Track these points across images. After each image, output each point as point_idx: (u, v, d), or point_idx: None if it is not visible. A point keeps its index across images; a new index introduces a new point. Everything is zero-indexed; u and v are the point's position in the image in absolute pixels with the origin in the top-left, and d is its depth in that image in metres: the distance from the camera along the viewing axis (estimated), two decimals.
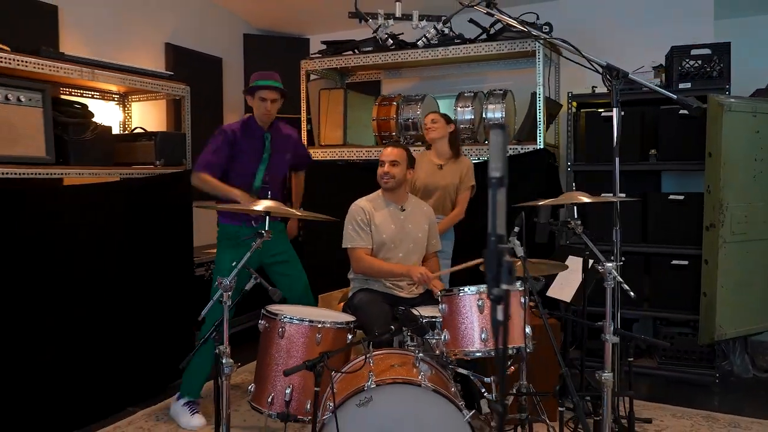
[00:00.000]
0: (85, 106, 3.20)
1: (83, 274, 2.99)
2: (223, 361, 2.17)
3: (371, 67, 4.63)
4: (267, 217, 2.31)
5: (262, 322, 2.51)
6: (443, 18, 2.35)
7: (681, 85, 3.63)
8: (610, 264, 2.19)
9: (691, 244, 3.52)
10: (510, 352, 2.15)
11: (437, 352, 2.29)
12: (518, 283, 2.19)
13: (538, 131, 3.79)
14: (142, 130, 3.69)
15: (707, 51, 3.61)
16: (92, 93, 3.69)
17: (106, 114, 3.89)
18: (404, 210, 3.04)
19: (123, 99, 3.91)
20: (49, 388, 2.85)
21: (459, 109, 4.05)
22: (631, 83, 3.60)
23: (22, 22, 3.43)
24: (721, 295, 3.31)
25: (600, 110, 3.83)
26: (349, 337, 2.48)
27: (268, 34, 5.47)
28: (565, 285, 3.28)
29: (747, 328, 3.40)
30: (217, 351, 2.19)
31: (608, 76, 2.61)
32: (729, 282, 3.32)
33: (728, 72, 3.57)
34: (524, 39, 3.79)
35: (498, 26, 3.84)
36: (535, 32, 2.54)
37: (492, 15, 2.30)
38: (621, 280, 2.23)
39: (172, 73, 3.66)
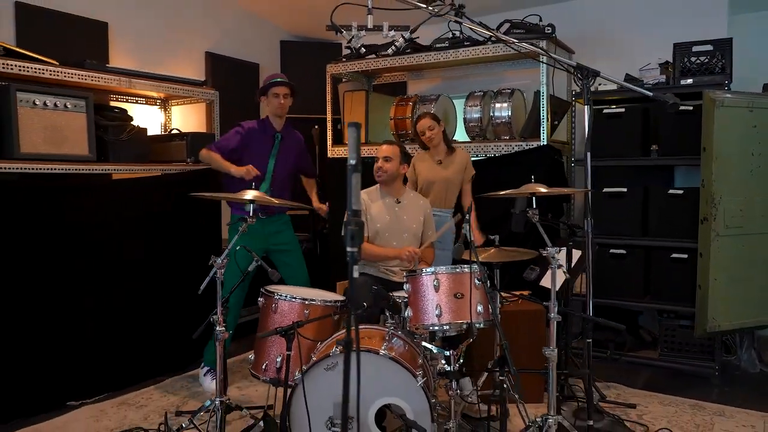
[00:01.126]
0: (124, 111, 3.67)
1: (121, 260, 3.45)
2: (216, 327, 2.51)
3: (392, 69, 4.89)
4: (251, 204, 2.65)
5: (261, 299, 2.85)
6: (410, 28, 2.59)
7: (683, 81, 3.69)
8: (552, 249, 2.36)
9: (691, 238, 3.58)
10: (462, 327, 2.37)
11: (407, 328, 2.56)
12: (471, 266, 2.40)
13: (541, 128, 3.95)
14: (177, 131, 4.13)
15: (709, 47, 3.65)
16: (136, 99, 4.17)
17: (150, 117, 4.37)
18: (400, 202, 3.31)
19: (164, 103, 4.37)
20: (90, 356, 3.32)
21: (468, 107, 4.26)
22: (637, 80, 3.72)
23: (75, 38, 3.94)
24: (715, 287, 3.36)
25: (603, 107, 3.94)
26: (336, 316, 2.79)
27: (303, 40, 5.85)
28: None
29: (742, 321, 3.43)
30: (211, 319, 2.55)
31: (579, 76, 2.77)
32: (722, 275, 3.37)
33: (730, 68, 3.60)
34: (529, 41, 3.95)
35: (505, 28, 4.02)
36: (503, 37, 2.72)
37: (460, 23, 2.52)
38: (563, 264, 2.39)
39: (203, 80, 4.08)
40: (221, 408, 2.53)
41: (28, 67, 3.08)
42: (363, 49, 2.62)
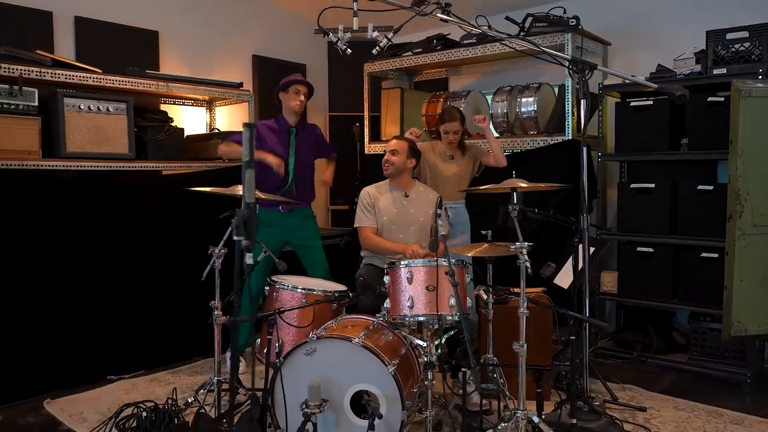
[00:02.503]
0: (164, 112, 3.99)
1: (159, 250, 3.77)
2: (214, 312, 2.73)
3: (426, 66, 4.95)
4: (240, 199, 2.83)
5: (267, 288, 3.04)
6: (393, 28, 2.65)
7: (716, 71, 3.49)
8: (519, 244, 2.36)
9: (721, 237, 3.38)
10: (422, 318, 2.42)
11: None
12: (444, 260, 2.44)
13: (566, 123, 3.87)
14: (217, 131, 4.42)
15: (745, 34, 3.43)
16: (183, 101, 4.51)
17: (196, 118, 4.71)
18: (408, 196, 3.39)
19: (209, 105, 4.68)
20: (130, 337, 3.68)
21: (494, 103, 4.24)
22: (669, 71, 3.57)
23: (129, 47, 4.32)
24: (740, 289, 3.17)
25: (631, 100, 3.80)
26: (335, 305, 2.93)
27: (351, 39, 6.01)
28: (568, 272, 3.38)
29: None
30: (210, 304, 2.76)
31: (574, 69, 2.72)
32: (749, 276, 3.17)
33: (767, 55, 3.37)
34: (553, 34, 3.89)
35: (528, 21, 3.98)
36: (491, 33, 2.72)
37: (447, 21, 2.56)
38: (527, 260, 2.38)
39: (239, 82, 4.33)
40: (218, 387, 2.74)
41: (73, 76, 3.45)
42: (349, 51, 2.71)
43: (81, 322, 3.48)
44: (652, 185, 3.68)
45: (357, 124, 5.13)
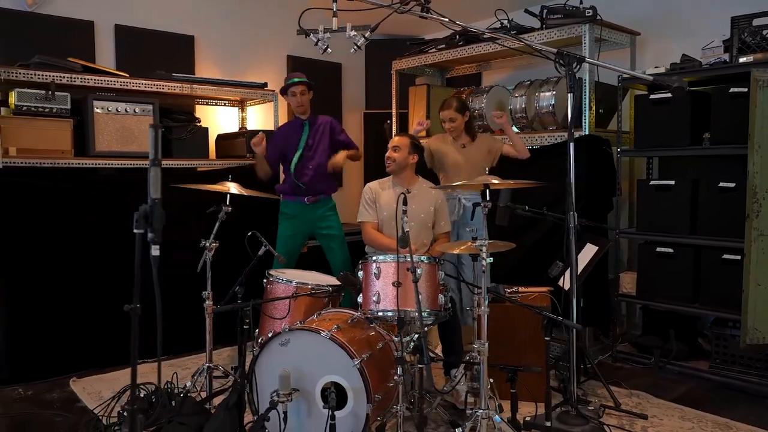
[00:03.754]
0: (189, 113, 4.22)
1: (184, 241, 3.99)
2: (205, 302, 2.87)
3: (455, 61, 4.92)
4: (228, 195, 2.96)
5: (265, 280, 3.16)
6: (370, 27, 2.67)
7: (742, 59, 3.26)
8: (480, 241, 2.33)
9: (743, 237, 3.16)
10: (400, 314, 2.43)
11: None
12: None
13: (583, 117, 3.74)
14: (244, 129, 4.61)
15: None
16: (215, 101, 4.73)
17: (230, 117, 4.94)
18: (409, 192, 3.40)
19: (241, 104, 4.89)
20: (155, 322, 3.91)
21: (513, 98, 4.16)
22: (693, 61, 3.38)
23: (166, 51, 4.59)
24: (757, 293, 2.96)
25: (650, 93, 3.61)
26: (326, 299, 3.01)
27: (388, 38, 6.06)
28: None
29: None
30: (202, 294, 2.92)
31: (561, 63, 2.64)
32: (767, 280, 2.95)
33: None
34: (570, 26, 3.76)
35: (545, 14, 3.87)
36: (473, 29, 2.67)
37: (425, 18, 2.56)
38: (485, 259, 2.33)
39: (263, 83, 4.50)
40: (208, 373, 2.89)
41: (101, 80, 3.72)
42: (330, 51, 2.77)
43: (112, 308, 3.73)
44: (672, 182, 3.49)
45: (388, 122, 5.19)
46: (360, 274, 2.64)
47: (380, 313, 2.47)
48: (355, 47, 2.64)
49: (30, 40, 4.00)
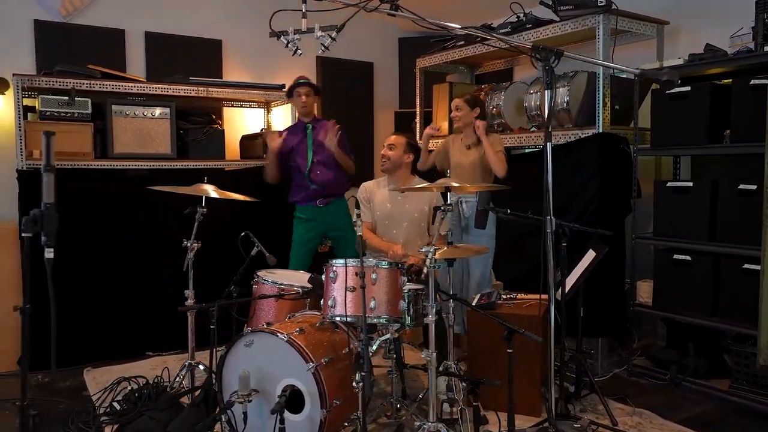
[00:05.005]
0: (208, 115, 4.34)
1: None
2: (187, 302, 2.94)
3: (481, 57, 4.77)
4: (203, 198, 3.00)
5: (253, 281, 3.20)
6: (336, 26, 2.60)
7: None
8: (427, 248, 2.22)
9: None
10: (348, 320, 2.38)
11: None
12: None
13: (597, 114, 3.51)
14: (264, 130, 4.69)
15: None
16: (241, 103, 4.85)
17: (257, 118, 5.04)
18: (404, 192, 3.34)
19: (267, 106, 4.98)
20: (171, 320, 4.05)
21: (528, 94, 3.97)
22: (716, 50, 3.12)
23: (194, 56, 4.76)
24: None
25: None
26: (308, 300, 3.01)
27: (423, 36, 5.97)
28: (571, 280, 3.09)
29: None
30: (185, 293, 2.99)
31: (537, 57, 2.48)
32: None
33: None
34: (584, 17, 3.54)
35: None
36: (444, 25, 2.54)
37: (394, 15, 2.48)
38: (431, 265, 2.22)
39: (281, 84, 4.55)
40: (190, 369, 2.97)
41: (119, 85, 3.91)
42: (300, 52, 2.74)
43: (130, 304, 3.94)
44: (690, 184, 3.20)
45: (415, 122, 5.12)
46: (323, 277, 2.61)
47: (337, 318, 2.42)
48: (323, 48, 2.60)
49: (65, 50, 4.27)
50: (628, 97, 3.59)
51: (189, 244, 2.99)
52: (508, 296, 3.26)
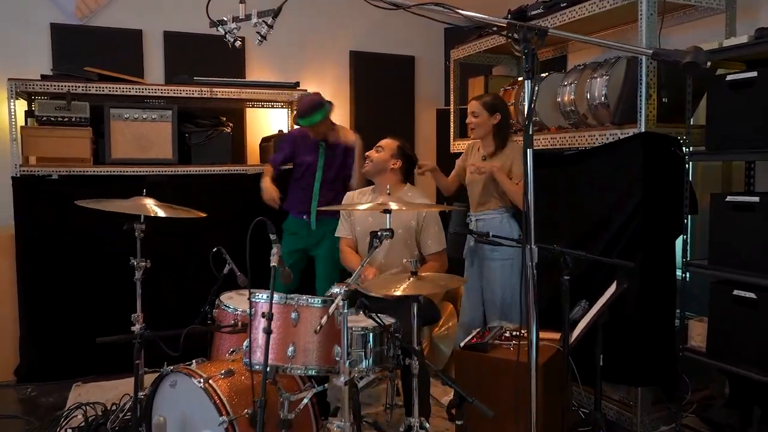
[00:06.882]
0: (215, 117, 4.07)
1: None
2: (135, 325, 2.64)
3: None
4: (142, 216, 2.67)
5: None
6: (273, 12, 2.15)
7: None
8: (336, 289, 1.73)
9: None
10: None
11: None
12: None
13: (638, 110, 2.82)
14: (280, 132, 4.37)
15: None
16: (262, 104, 4.56)
17: (281, 119, 4.74)
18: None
19: (291, 105, 4.66)
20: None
21: (561, 87, 3.31)
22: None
23: (215, 56, 4.52)
24: None
25: (726, 73, 2.57)
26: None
27: (474, 26, 5.38)
28: (586, 319, 2.47)
29: None
30: (132, 317, 2.69)
31: (514, 39, 1.91)
32: None
33: None
34: None
35: None
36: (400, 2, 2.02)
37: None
38: (338, 312, 1.72)
39: (295, 82, 4.20)
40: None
41: (116, 88, 3.74)
42: (239, 43, 2.34)
43: (120, 318, 3.75)
44: (756, 198, 2.45)
45: (451, 120, 4.59)
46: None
47: (256, 366, 1.99)
48: (260, 38, 2.19)
49: (81, 52, 4.18)
50: (683, 87, 2.85)
51: (136, 263, 2.67)
52: (515, 333, 2.68)
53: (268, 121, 4.79)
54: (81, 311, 3.68)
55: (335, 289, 1.79)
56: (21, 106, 3.87)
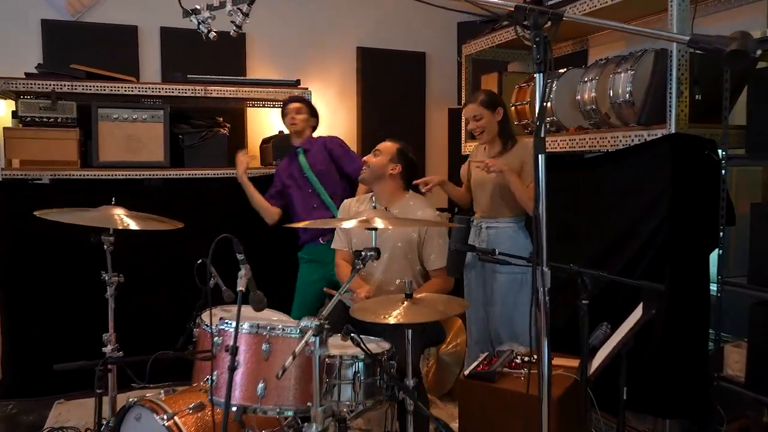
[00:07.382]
0: (211, 117, 3.83)
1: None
2: (108, 347, 2.40)
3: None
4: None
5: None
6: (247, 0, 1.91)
7: None
8: (307, 322, 1.46)
9: None
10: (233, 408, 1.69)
11: None
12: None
13: (668, 108, 2.52)
14: (280, 133, 4.13)
15: None
16: (264, 103, 4.32)
17: None
18: (389, 211, 2.59)
19: None
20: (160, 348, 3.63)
21: (581, 83, 3.01)
22: None
23: (215, 52, 4.30)
24: None
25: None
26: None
27: (489, 20, 5.09)
28: (608, 347, 2.18)
29: None
30: (103, 337, 2.46)
31: (523, 25, 1.63)
32: None
33: None
34: None
35: None
36: None
37: None
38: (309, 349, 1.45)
39: (296, 80, 3.95)
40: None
41: (105, 86, 3.52)
42: (214, 34, 2.10)
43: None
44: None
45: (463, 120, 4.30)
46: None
47: (221, 405, 1.73)
48: (235, 28, 1.95)
49: (74, 50, 3.99)
50: (720, 83, 2.54)
51: (108, 278, 2.44)
52: (526, 359, 2.40)
53: (270, 122, 4.55)
54: (65, 326, 3.47)
55: (305, 322, 1.52)
56: (9, 106, 3.70)
